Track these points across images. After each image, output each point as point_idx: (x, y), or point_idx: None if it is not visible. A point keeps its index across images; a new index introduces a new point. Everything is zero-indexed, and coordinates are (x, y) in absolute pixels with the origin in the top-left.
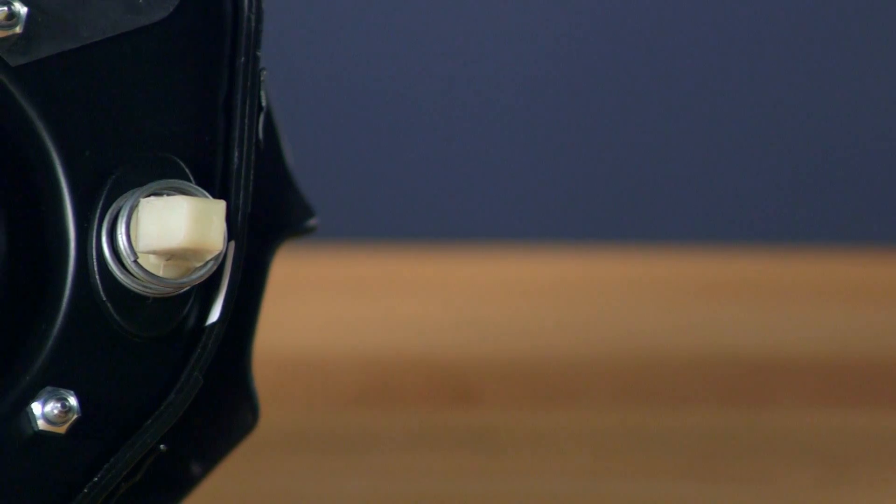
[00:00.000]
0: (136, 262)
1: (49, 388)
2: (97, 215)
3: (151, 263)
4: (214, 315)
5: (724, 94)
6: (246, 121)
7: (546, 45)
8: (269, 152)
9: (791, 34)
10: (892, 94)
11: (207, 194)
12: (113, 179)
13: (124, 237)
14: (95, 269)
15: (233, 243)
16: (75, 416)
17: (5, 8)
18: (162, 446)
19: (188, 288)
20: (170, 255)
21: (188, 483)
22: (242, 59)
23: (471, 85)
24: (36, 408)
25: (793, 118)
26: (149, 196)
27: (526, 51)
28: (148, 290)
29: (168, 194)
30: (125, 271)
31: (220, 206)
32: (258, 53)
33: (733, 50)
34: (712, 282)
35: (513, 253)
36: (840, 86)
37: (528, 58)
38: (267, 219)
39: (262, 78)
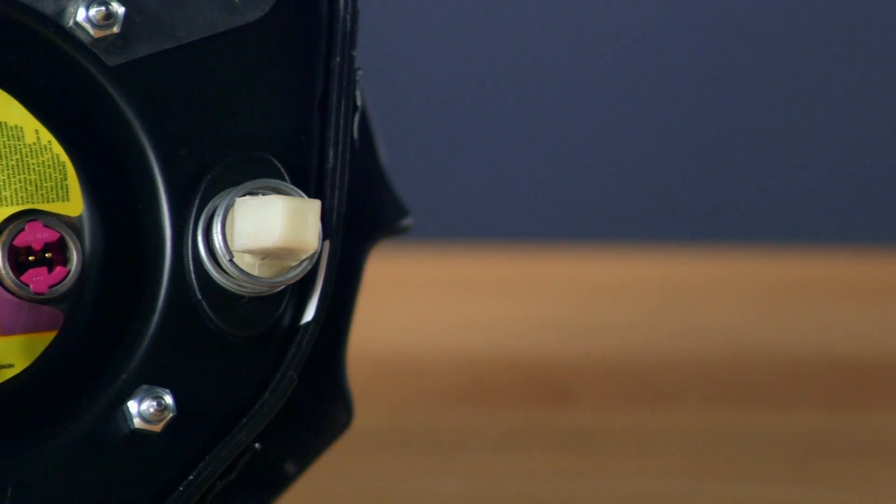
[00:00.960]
0: (231, 261)
1: (145, 387)
2: (193, 214)
3: (247, 262)
4: (309, 314)
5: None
6: (341, 120)
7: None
8: (364, 152)
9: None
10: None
11: (303, 194)
12: (209, 179)
13: (220, 236)
14: (191, 268)
15: (327, 242)
16: (171, 415)
17: (103, 8)
18: (257, 445)
19: (283, 287)
20: (265, 255)
21: (283, 482)
22: (338, 58)
23: (556, 83)
24: (132, 406)
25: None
26: (244, 195)
27: (632, 49)
28: (243, 289)
29: (264, 193)
30: (221, 270)
31: (315, 206)
32: (354, 53)
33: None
34: (809, 281)
35: (609, 253)
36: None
37: (633, 57)
38: (361, 218)
39: (357, 78)
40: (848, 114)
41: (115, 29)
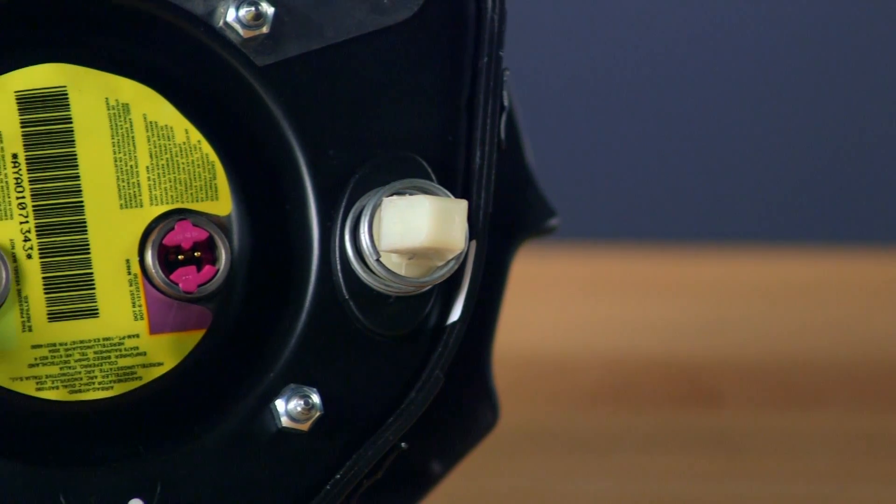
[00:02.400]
0: (378, 260)
1: (292, 386)
2: (340, 214)
3: (393, 262)
4: (455, 314)
5: None
6: (488, 120)
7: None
8: (511, 152)
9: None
10: None
11: (449, 194)
12: (356, 178)
13: (367, 236)
14: (338, 267)
15: (474, 242)
16: (318, 414)
17: (252, 8)
18: (403, 444)
19: (430, 287)
20: (412, 255)
21: (428, 481)
22: (485, 59)
23: (714, 83)
24: (279, 405)
25: None
26: (391, 195)
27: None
28: (390, 288)
29: (410, 193)
30: (368, 270)
31: (461, 206)
32: (501, 53)
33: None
34: None
35: (758, 254)
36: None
37: (793, 56)
38: (507, 218)
39: (504, 78)
40: None
41: (265, 29)
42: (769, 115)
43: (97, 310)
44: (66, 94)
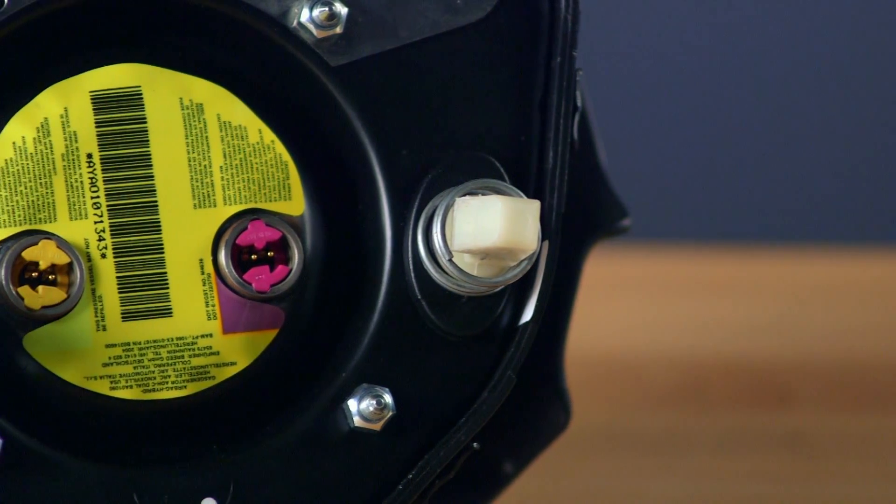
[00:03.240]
0: (451, 260)
1: (364, 386)
2: (413, 214)
3: (466, 262)
4: (527, 314)
5: None
6: (561, 121)
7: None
8: (584, 152)
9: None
10: None
11: (522, 194)
12: (429, 179)
13: (440, 236)
14: (411, 267)
15: (546, 243)
16: (390, 414)
17: (326, 8)
18: (475, 444)
19: (502, 287)
20: (484, 255)
21: (500, 482)
22: (558, 59)
23: (786, 84)
24: (352, 405)
25: None
26: (464, 195)
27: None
28: (462, 289)
29: (483, 194)
30: (440, 270)
31: (534, 206)
32: (574, 54)
33: None
34: None
35: (831, 254)
36: None
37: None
38: (580, 218)
39: (577, 78)
40: None
41: (338, 29)
42: (835, 112)
43: (171, 309)
44: (141, 94)
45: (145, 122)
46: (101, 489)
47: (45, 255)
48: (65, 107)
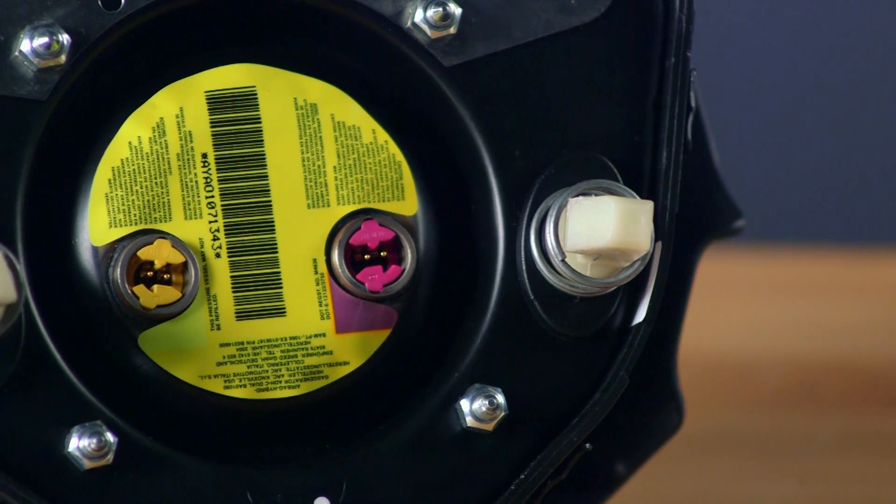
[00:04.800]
0: (563, 261)
1: (477, 386)
2: (526, 214)
3: (579, 263)
4: (640, 315)
5: None
6: (675, 121)
7: None
8: (697, 153)
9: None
10: None
11: (635, 195)
12: (542, 179)
13: (552, 237)
14: (523, 268)
15: (659, 244)
16: (503, 414)
17: (440, 9)
18: (588, 445)
19: (615, 288)
20: (597, 255)
21: (613, 483)
22: (672, 59)
23: (886, 84)
24: (464, 405)
25: None
26: (577, 196)
27: None
28: (575, 289)
29: (596, 194)
30: (553, 271)
31: (647, 207)
32: (688, 54)
33: None
34: None
35: None
36: None
37: None
38: (693, 219)
39: (691, 79)
40: None
41: (452, 30)
42: None
43: (284, 309)
44: (256, 95)
45: (260, 122)
46: (214, 487)
47: (160, 254)
48: (180, 107)
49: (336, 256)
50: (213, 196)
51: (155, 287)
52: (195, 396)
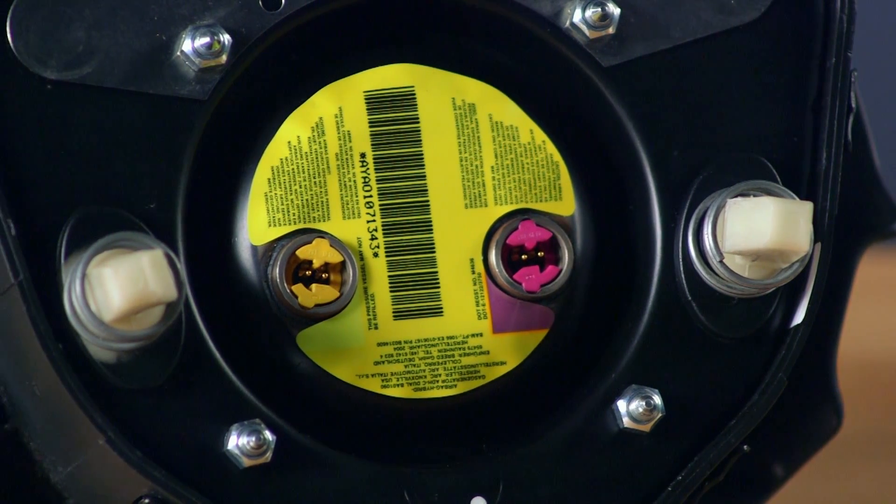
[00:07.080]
0: (721, 262)
1: (634, 387)
2: (684, 215)
3: (737, 264)
4: (799, 317)
5: None
6: (835, 122)
7: None
8: (858, 154)
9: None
10: None
11: (794, 196)
12: (700, 179)
13: (710, 237)
14: (681, 268)
15: (818, 245)
16: (660, 415)
17: (599, 9)
18: (745, 447)
19: (773, 289)
20: (755, 256)
21: (770, 485)
22: (833, 60)
23: None
24: (621, 405)
25: None
26: (736, 197)
27: None
28: (733, 290)
29: (755, 195)
30: (710, 271)
31: (806, 208)
32: (849, 54)
33: None
34: None
35: None
36: None
37: None
38: (853, 220)
39: (852, 79)
40: None
41: (611, 30)
42: None
43: (441, 308)
44: (414, 94)
45: (418, 122)
46: (371, 486)
47: (318, 253)
48: (339, 106)
49: (493, 256)
50: (371, 195)
51: (313, 286)
52: (352, 395)
